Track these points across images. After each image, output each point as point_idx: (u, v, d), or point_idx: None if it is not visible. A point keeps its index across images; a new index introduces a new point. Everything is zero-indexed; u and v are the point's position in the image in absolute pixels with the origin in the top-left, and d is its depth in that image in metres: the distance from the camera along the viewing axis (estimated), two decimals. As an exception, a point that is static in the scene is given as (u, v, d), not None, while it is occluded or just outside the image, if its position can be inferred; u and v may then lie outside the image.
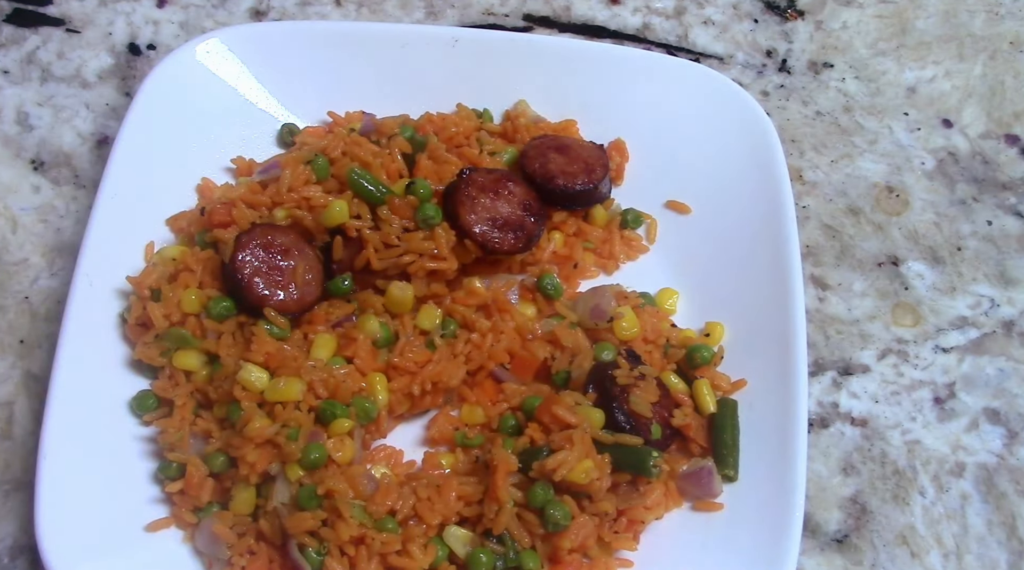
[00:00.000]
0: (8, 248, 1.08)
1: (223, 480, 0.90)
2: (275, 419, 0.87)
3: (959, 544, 0.97)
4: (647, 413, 0.92)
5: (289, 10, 1.26)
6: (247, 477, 0.87)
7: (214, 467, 0.89)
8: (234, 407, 0.89)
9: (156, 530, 0.89)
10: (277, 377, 0.89)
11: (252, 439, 0.86)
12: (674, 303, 1.03)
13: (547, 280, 0.99)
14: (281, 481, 0.87)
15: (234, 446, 0.88)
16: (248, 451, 0.86)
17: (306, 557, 0.85)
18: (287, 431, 0.86)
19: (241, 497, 0.88)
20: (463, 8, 1.27)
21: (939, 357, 1.06)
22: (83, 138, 1.16)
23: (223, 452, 0.89)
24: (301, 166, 0.99)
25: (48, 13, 1.24)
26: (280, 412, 0.87)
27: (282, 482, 0.87)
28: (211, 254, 0.97)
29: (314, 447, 0.86)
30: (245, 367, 0.89)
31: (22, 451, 0.97)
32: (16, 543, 0.94)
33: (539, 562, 0.87)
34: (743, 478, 0.92)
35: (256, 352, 0.90)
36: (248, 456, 0.86)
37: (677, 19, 1.28)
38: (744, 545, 0.88)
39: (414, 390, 0.93)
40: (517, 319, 0.97)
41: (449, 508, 0.88)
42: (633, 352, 0.97)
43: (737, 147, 1.05)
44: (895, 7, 1.29)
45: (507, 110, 1.11)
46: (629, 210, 1.07)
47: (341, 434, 0.89)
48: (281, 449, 0.86)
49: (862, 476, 1.00)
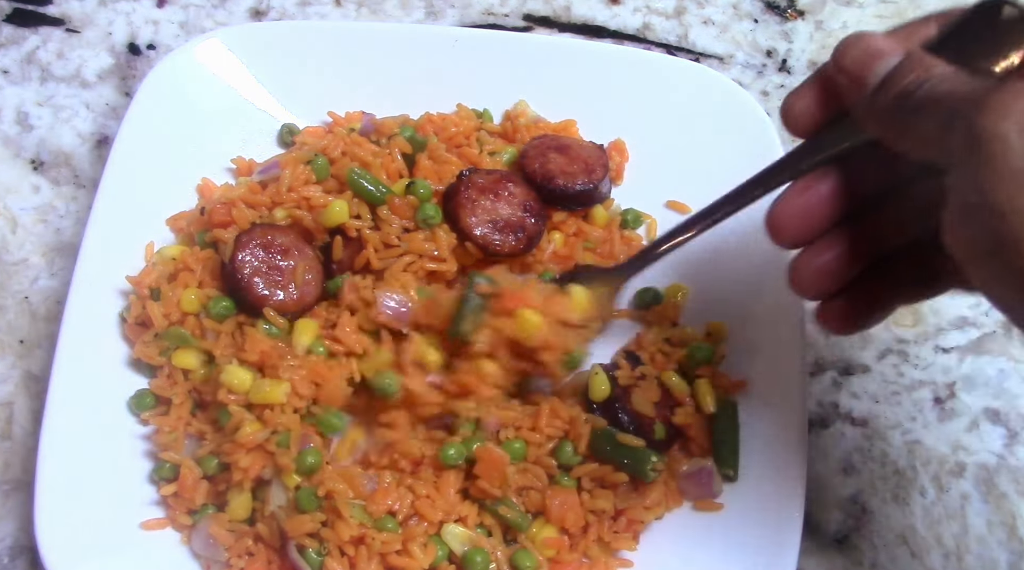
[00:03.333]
0: (8, 248, 1.08)
1: (217, 483, 0.90)
2: (264, 422, 0.87)
3: (959, 544, 0.97)
4: (650, 412, 0.92)
5: (289, 10, 1.26)
6: (241, 482, 0.87)
7: (207, 470, 0.89)
8: (223, 410, 0.88)
9: (152, 529, 0.89)
10: (262, 379, 0.88)
11: (243, 445, 0.86)
12: (684, 297, 1.02)
13: (546, 279, 0.99)
14: (276, 485, 0.86)
15: (225, 452, 0.87)
16: (240, 457, 0.86)
17: (306, 558, 0.84)
18: (277, 438, 0.86)
19: (236, 502, 0.87)
20: (463, 8, 1.27)
21: (939, 357, 1.06)
22: (83, 138, 1.16)
23: (216, 455, 0.89)
24: (301, 166, 0.99)
25: (48, 13, 1.24)
26: (269, 416, 0.87)
27: (277, 486, 0.87)
28: (211, 254, 0.97)
29: (308, 453, 0.86)
30: (227, 369, 0.88)
31: (22, 451, 0.97)
32: (16, 543, 0.94)
33: (536, 561, 0.87)
34: (743, 478, 0.92)
35: (250, 352, 0.89)
36: (240, 462, 0.86)
37: (677, 19, 1.28)
38: (744, 545, 0.88)
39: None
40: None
41: (449, 504, 0.88)
42: (633, 353, 0.97)
43: (737, 147, 1.05)
44: (895, 7, 1.29)
45: (507, 110, 1.11)
46: (629, 210, 1.07)
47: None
48: (274, 457, 0.86)
49: (862, 476, 1.00)
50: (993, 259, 0.53)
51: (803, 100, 0.69)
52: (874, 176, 0.69)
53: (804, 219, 0.69)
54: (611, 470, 0.89)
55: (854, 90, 0.64)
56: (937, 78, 0.58)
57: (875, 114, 0.62)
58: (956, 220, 0.56)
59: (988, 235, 0.53)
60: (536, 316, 0.87)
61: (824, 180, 0.69)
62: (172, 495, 0.89)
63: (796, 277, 0.70)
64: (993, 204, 0.51)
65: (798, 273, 0.70)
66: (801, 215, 0.69)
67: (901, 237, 0.70)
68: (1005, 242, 0.52)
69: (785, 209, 0.69)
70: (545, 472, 0.90)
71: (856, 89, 0.64)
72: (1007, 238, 0.52)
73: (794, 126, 0.71)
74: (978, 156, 0.52)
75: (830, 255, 0.69)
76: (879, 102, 0.61)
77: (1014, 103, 0.51)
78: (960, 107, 0.54)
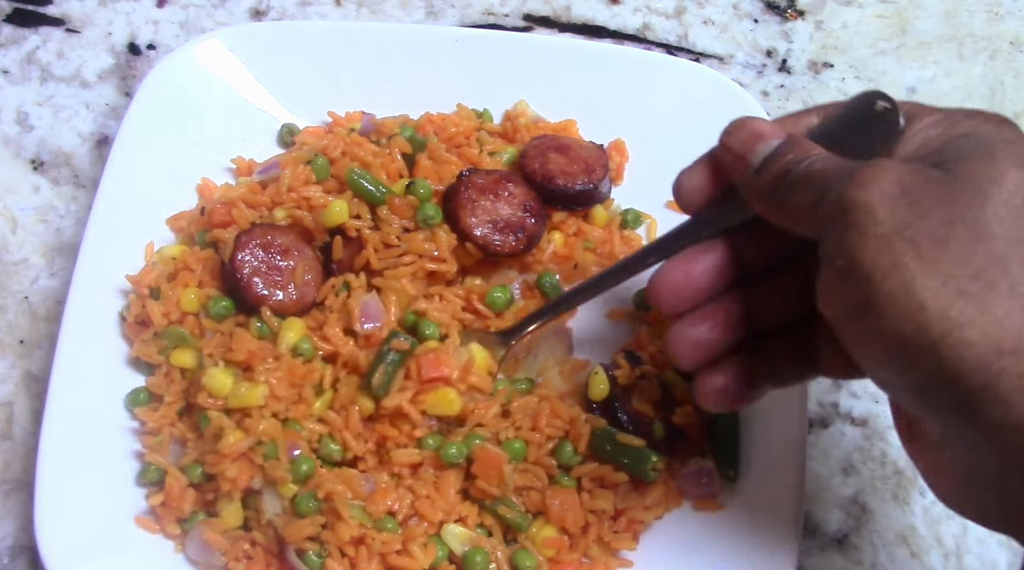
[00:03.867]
0: (8, 248, 1.08)
1: (205, 491, 0.89)
2: (246, 430, 0.86)
3: (959, 544, 0.97)
4: (650, 412, 0.92)
5: (289, 10, 1.26)
6: (230, 493, 0.86)
7: (193, 478, 0.88)
8: (202, 415, 0.88)
9: (147, 528, 0.89)
10: (241, 382, 0.88)
11: (227, 455, 0.85)
12: None
13: (546, 279, 0.99)
14: (269, 495, 0.86)
15: (209, 463, 0.87)
16: (225, 467, 0.85)
17: (306, 561, 0.84)
18: (263, 449, 0.85)
19: (227, 511, 0.87)
20: (463, 8, 1.27)
21: (939, 357, 1.06)
22: (83, 138, 1.16)
23: (200, 463, 0.88)
24: (301, 166, 0.99)
25: (48, 13, 1.24)
26: (250, 424, 0.86)
27: (270, 496, 0.86)
28: (211, 254, 0.97)
29: (301, 461, 0.85)
30: (209, 372, 0.88)
31: (22, 451, 0.97)
32: (16, 543, 0.94)
33: (536, 561, 0.87)
34: (743, 478, 0.92)
35: (237, 351, 0.89)
36: (227, 472, 0.85)
37: (677, 19, 1.28)
38: (744, 545, 0.88)
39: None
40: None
41: (449, 504, 0.88)
42: (633, 353, 0.97)
43: (737, 147, 1.05)
44: (895, 7, 1.29)
45: (507, 110, 1.11)
46: (629, 210, 1.07)
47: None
48: (264, 470, 0.85)
49: (862, 476, 1.00)
50: (861, 318, 0.57)
51: (694, 177, 0.73)
52: (755, 252, 0.72)
53: (684, 289, 0.71)
54: (611, 470, 0.89)
55: (739, 169, 0.69)
56: (813, 158, 0.64)
57: (757, 191, 0.67)
58: (828, 283, 0.60)
59: (856, 296, 0.57)
60: (453, 395, 0.88)
61: (707, 253, 0.72)
62: (160, 505, 0.89)
63: (671, 345, 0.72)
64: (860, 265, 0.56)
65: (673, 341, 0.72)
66: (682, 284, 0.71)
67: (777, 315, 0.72)
68: (871, 301, 0.55)
69: (666, 277, 0.72)
70: (545, 472, 0.90)
71: (741, 168, 0.68)
72: (872, 297, 0.55)
73: (685, 202, 0.74)
74: (845, 222, 0.57)
75: (705, 326, 0.71)
76: (760, 180, 0.66)
77: (877, 176, 0.57)
78: (832, 182, 0.60)
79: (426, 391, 0.87)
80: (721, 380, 0.73)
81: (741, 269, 0.72)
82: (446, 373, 0.87)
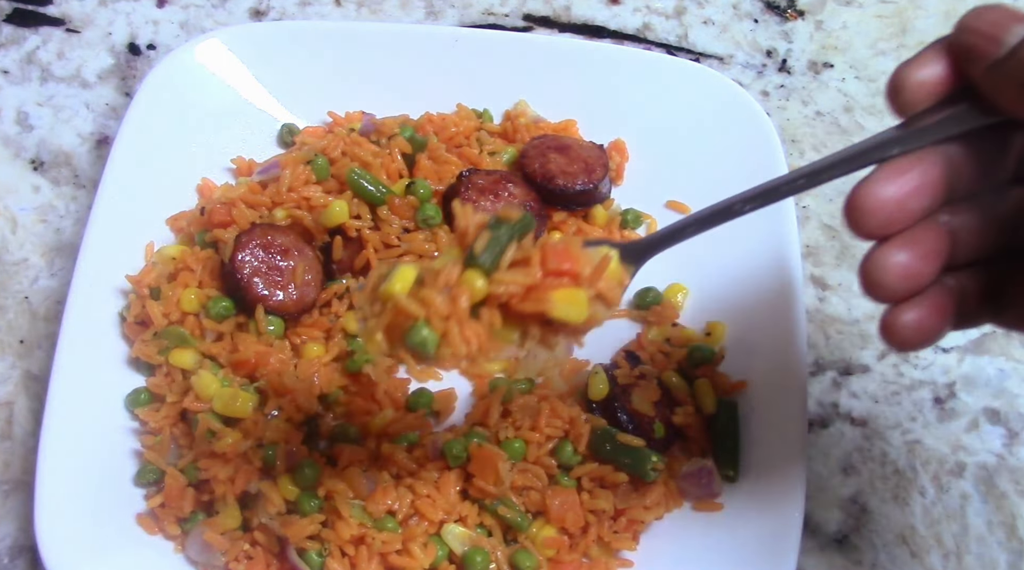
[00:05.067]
0: (8, 248, 1.08)
1: (202, 492, 0.89)
2: (244, 434, 0.86)
3: (959, 544, 0.97)
4: (650, 412, 0.92)
5: (289, 10, 1.26)
6: (225, 496, 0.86)
7: (191, 478, 0.89)
8: (194, 418, 0.88)
9: (146, 527, 0.89)
10: (233, 388, 0.88)
11: (220, 456, 0.85)
12: (684, 298, 1.02)
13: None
14: (267, 498, 0.85)
15: (203, 467, 0.87)
16: (218, 470, 0.85)
17: (306, 560, 0.84)
18: (262, 452, 0.85)
19: (225, 513, 0.87)
20: (463, 8, 1.27)
21: (939, 357, 1.06)
22: (83, 138, 1.16)
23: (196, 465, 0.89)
24: (301, 166, 0.99)
25: (48, 13, 1.24)
26: (244, 427, 0.86)
27: (269, 498, 0.85)
28: (211, 254, 0.97)
29: (305, 464, 0.85)
30: (199, 374, 0.88)
31: (22, 451, 0.97)
32: (16, 543, 0.94)
33: (536, 561, 0.87)
34: (743, 478, 0.92)
35: (243, 353, 0.89)
36: (220, 474, 0.85)
37: (677, 19, 1.28)
38: (744, 545, 0.88)
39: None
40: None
41: (449, 504, 0.88)
42: (633, 353, 0.97)
43: (737, 147, 1.05)
44: (895, 7, 1.29)
45: (507, 110, 1.11)
46: (629, 210, 1.07)
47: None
48: (260, 473, 0.85)
49: (862, 476, 1.00)
50: None
51: (924, 68, 0.60)
52: (971, 170, 0.62)
53: (895, 208, 0.59)
54: (611, 470, 0.89)
55: (986, 52, 0.57)
56: None
57: (1012, 77, 0.56)
58: None
59: None
60: (583, 297, 0.67)
61: (921, 166, 0.60)
62: (159, 506, 0.89)
63: (874, 273, 0.60)
64: None
65: (876, 269, 0.60)
66: (894, 203, 0.59)
67: (979, 248, 0.63)
68: None
69: (876, 192, 0.59)
70: (545, 472, 0.90)
71: (993, 51, 0.57)
72: None
73: (906, 100, 0.61)
74: None
75: (915, 252, 0.59)
76: (1017, 63, 0.55)
77: None
78: None
79: (549, 288, 0.66)
80: (915, 316, 0.61)
81: (951, 190, 0.61)
82: (576, 268, 0.66)
